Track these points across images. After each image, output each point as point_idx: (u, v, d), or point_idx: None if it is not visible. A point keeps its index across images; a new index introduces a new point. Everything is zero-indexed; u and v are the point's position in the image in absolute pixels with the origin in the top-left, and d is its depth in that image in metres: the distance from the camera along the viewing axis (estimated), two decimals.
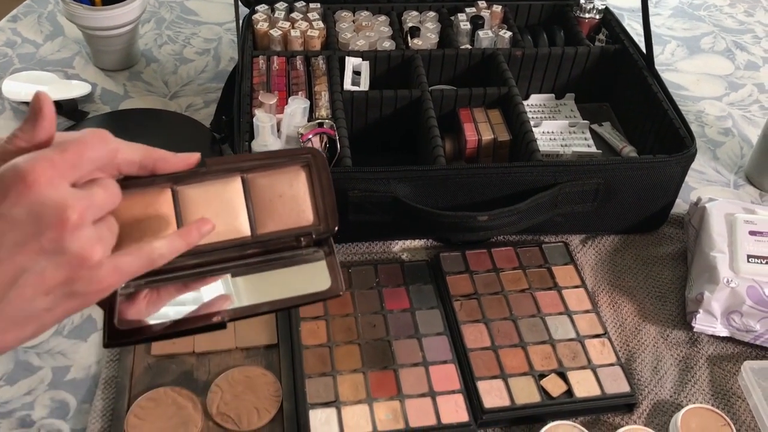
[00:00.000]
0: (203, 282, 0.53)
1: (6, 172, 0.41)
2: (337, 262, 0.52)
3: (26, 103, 1.01)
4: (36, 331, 0.44)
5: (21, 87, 1.01)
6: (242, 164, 0.54)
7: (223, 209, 0.53)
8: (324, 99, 0.87)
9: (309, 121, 0.84)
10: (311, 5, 1.02)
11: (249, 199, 0.54)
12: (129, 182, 0.50)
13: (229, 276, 0.53)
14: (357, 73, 0.93)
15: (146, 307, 0.51)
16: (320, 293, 0.51)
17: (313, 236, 0.53)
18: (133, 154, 0.50)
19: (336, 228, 0.54)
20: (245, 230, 0.53)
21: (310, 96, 0.88)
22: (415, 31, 0.99)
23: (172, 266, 0.51)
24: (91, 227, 0.43)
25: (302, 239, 0.54)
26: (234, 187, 0.54)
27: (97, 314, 0.77)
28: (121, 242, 0.51)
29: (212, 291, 0.53)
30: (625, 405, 0.71)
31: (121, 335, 0.49)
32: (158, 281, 0.52)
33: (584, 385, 0.71)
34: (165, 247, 0.47)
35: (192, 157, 0.52)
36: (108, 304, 0.50)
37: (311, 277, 0.52)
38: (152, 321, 0.50)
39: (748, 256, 0.77)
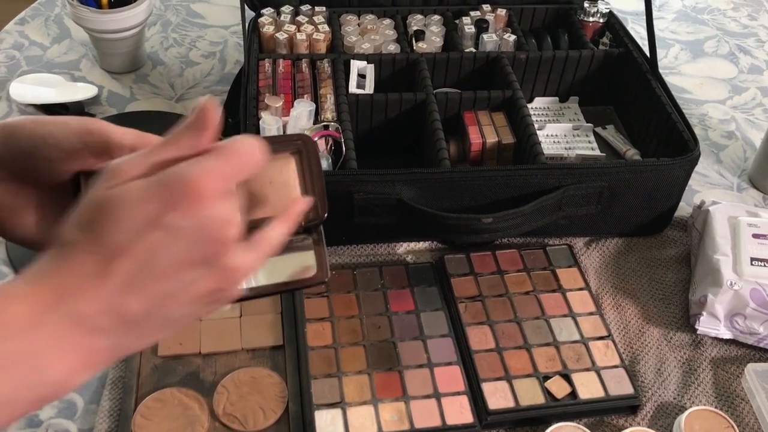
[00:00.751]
0: None
1: (172, 181, 0.39)
2: (325, 249, 0.52)
3: (33, 106, 1.02)
4: (167, 335, 0.44)
5: (28, 89, 1.02)
6: None
7: None
8: (329, 102, 0.88)
9: (314, 123, 0.84)
10: (317, 9, 1.03)
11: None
12: None
13: None
14: (362, 76, 0.94)
15: None
16: (305, 279, 0.50)
17: (303, 223, 0.54)
18: (124, 138, 0.48)
19: (326, 215, 0.54)
20: None
21: (316, 99, 0.89)
22: (419, 35, 1.00)
23: None
24: (243, 242, 0.43)
25: None
26: None
27: None
28: None
29: None
30: (629, 407, 0.71)
31: None
32: None
33: (588, 387, 0.71)
34: (277, 236, 0.46)
35: None
36: None
37: (298, 263, 0.52)
38: None
39: (752, 259, 0.77)
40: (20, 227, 0.49)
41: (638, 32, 1.21)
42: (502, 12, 1.04)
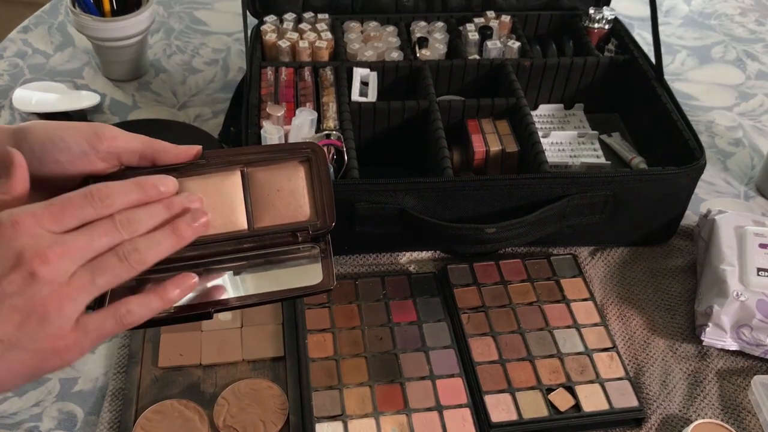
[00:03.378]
0: (203, 276, 0.53)
1: None
2: (332, 258, 0.52)
3: (36, 114, 1.02)
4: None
5: (31, 97, 1.02)
6: (242, 157, 0.54)
7: (221, 202, 0.53)
8: (332, 110, 0.87)
9: (317, 132, 0.84)
10: (319, 16, 1.02)
11: (248, 192, 0.54)
12: (131, 173, 0.51)
13: (225, 270, 0.53)
14: (365, 83, 0.93)
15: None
16: (311, 287, 0.51)
17: (310, 232, 0.53)
18: (133, 144, 0.50)
19: (333, 224, 0.54)
20: (242, 224, 0.53)
21: (318, 107, 0.88)
22: (423, 42, 0.99)
23: (169, 257, 0.51)
24: (66, 280, 0.43)
25: (299, 235, 0.53)
26: (233, 181, 0.54)
27: None
28: None
29: (206, 283, 0.53)
30: (634, 420, 0.71)
31: None
32: (156, 272, 0.51)
33: (592, 400, 0.70)
34: (138, 309, 0.47)
35: (192, 149, 0.53)
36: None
37: (304, 272, 0.52)
38: None
39: (758, 270, 0.76)
40: None
41: (644, 38, 1.20)
42: (506, 19, 1.04)
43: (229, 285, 0.53)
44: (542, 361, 0.74)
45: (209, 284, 0.53)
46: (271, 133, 0.80)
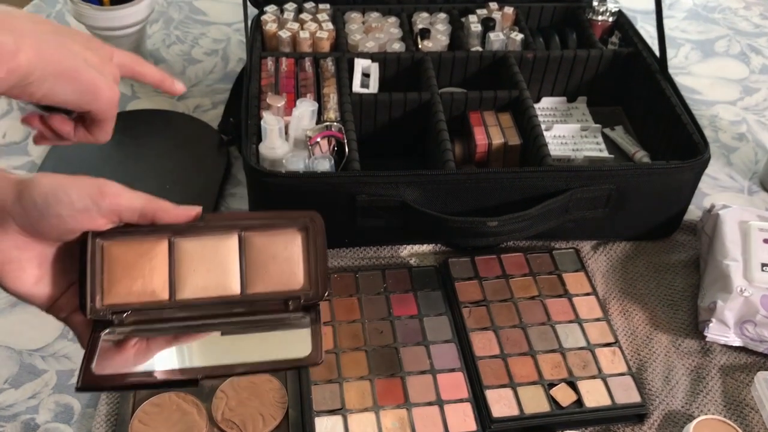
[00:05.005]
0: (189, 337, 0.53)
1: None
2: (321, 330, 0.52)
3: (32, 104, 1.01)
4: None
5: None
6: (241, 222, 0.55)
7: (216, 265, 0.54)
8: (333, 101, 0.86)
9: (317, 123, 0.83)
10: (320, 6, 1.01)
11: (243, 257, 0.54)
12: (129, 229, 0.52)
13: (213, 333, 0.54)
14: (366, 75, 0.92)
15: (134, 356, 0.51)
16: (298, 360, 0.51)
17: (302, 301, 0.54)
18: (135, 202, 0.51)
19: (325, 294, 0.54)
20: (235, 288, 0.54)
21: (319, 98, 0.87)
22: (425, 33, 0.98)
23: (160, 317, 0.53)
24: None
25: (290, 303, 0.54)
26: (229, 244, 0.54)
27: None
28: (112, 286, 0.52)
29: (194, 346, 0.53)
30: (636, 415, 0.70)
31: (97, 380, 0.49)
32: (147, 331, 0.52)
33: (594, 395, 0.70)
34: None
35: (192, 211, 0.53)
36: (89, 347, 0.51)
37: (293, 342, 0.52)
38: (129, 370, 0.50)
39: (762, 265, 0.75)
40: (20, 281, 0.51)
41: (648, 31, 1.19)
42: (509, 10, 1.03)
43: (216, 350, 0.53)
44: (544, 355, 0.73)
45: (197, 347, 0.53)
46: (271, 124, 0.79)
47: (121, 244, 0.52)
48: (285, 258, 0.54)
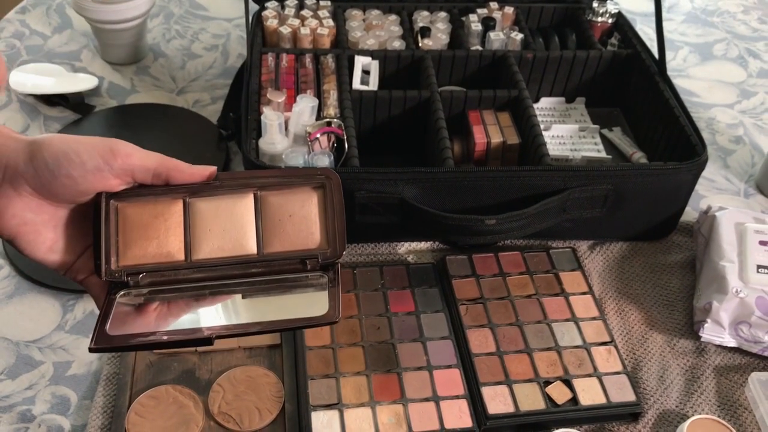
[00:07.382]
0: (208, 298, 0.53)
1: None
2: (339, 289, 0.51)
3: (33, 95, 1.01)
4: None
5: (28, 79, 1.01)
6: (256, 180, 0.54)
7: (232, 225, 0.53)
8: (332, 98, 0.87)
9: (317, 119, 0.83)
10: (321, 3, 1.01)
11: (259, 216, 0.53)
12: (144, 190, 0.51)
13: (230, 294, 0.53)
14: (366, 72, 0.92)
15: (155, 320, 0.51)
16: (314, 318, 0.49)
17: (319, 260, 0.53)
18: (147, 161, 0.50)
19: (343, 253, 0.53)
20: (252, 248, 0.53)
21: (319, 94, 0.88)
22: (425, 32, 0.99)
23: (176, 278, 0.52)
24: None
25: (308, 262, 0.53)
26: (245, 204, 0.53)
27: None
28: (127, 248, 0.51)
29: (210, 307, 0.53)
30: (631, 414, 0.70)
31: (111, 340, 0.48)
32: (166, 294, 0.52)
33: (589, 393, 0.70)
34: None
35: (207, 170, 0.52)
36: (103, 309, 0.50)
37: (310, 302, 0.51)
38: (142, 331, 0.50)
39: (758, 267, 0.76)
40: (36, 244, 0.50)
41: (647, 33, 1.20)
42: (509, 10, 1.03)
43: (233, 310, 0.52)
44: (540, 353, 0.73)
45: (213, 307, 0.53)
46: (271, 120, 0.79)
47: (136, 205, 0.51)
48: (302, 216, 0.53)
